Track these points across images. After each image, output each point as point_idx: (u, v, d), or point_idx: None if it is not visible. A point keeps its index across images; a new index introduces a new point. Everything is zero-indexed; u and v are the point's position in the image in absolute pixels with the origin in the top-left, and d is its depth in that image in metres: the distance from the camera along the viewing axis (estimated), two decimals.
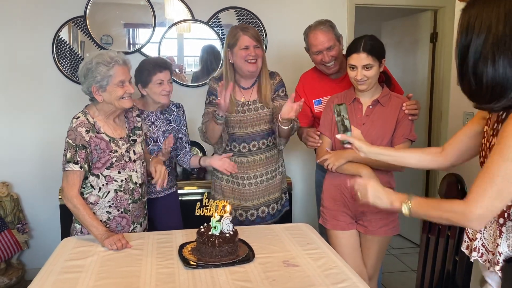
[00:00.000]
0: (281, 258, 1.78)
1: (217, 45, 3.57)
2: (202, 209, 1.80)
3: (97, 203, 2.06)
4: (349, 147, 1.79)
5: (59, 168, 2.03)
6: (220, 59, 3.54)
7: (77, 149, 1.96)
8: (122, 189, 2.08)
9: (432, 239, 1.81)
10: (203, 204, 1.81)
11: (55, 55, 3.33)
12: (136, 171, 2.13)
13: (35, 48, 3.31)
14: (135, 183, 2.13)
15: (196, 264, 1.70)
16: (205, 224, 1.82)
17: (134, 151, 2.14)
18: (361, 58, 2.07)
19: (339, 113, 1.79)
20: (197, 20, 3.51)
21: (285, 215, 2.66)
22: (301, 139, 2.58)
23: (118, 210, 2.09)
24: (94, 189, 2.05)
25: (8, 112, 3.32)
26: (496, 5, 1.21)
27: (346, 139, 1.75)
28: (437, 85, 3.99)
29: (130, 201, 2.12)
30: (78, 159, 1.96)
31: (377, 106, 2.19)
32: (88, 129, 2.00)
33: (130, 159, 2.11)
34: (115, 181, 2.06)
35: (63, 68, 3.35)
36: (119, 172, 2.07)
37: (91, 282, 1.59)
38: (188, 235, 2.02)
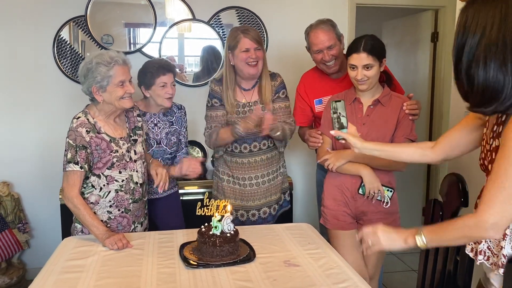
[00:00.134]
0: (282, 258, 1.78)
1: (218, 45, 3.56)
2: (203, 208, 1.80)
3: (98, 203, 2.06)
4: (344, 142, 1.80)
5: (59, 168, 2.03)
6: (221, 59, 3.54)
7: (78, 149, 1.96)
8: (123, 189, 2.08)
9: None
10: (204, 204, 1.80)
11: (55, 54, 3.33)
12: (136, 171, 2.13)
13: (36, 48, 3.31)
14: (136, 182, 2.13)
15: (197, 264, 1.69)
16: (206, 224, 1.82)
17: (134, 151, 2.14)
18: (361, 58, 2.07)
19: (335, 110, 1.80)
20: (198, 20, 3.51)
21: (285, 214, 2.66)
22: (303, 139, 2.58)
23: (118, 210, 2.09)
24: (95, 189, 2.04)
25: (8, 112, 3.32)
26: (493, 7, 1.19)
27: (340, 135, 1.76)
28: (438, 85, 3.99)
29: (130, 201, 2.12)
30: (79, 159, 1.96)
31: (378, 106, 2.19)
32: (89, 129, 2.00)
33: (130, 159, 2.11)
34: (116, 181, 2.06)
35: (63, 68, 3.35)
36: (120, 172, 2.07)
37: (92, 282, 1.59)
38: (189, 234, 2.02)
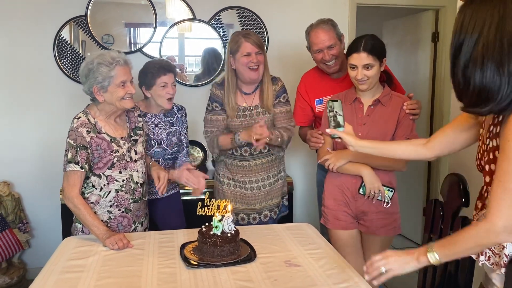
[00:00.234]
0: (282, 258, 1.78)
1: (218, 45, 3.56)
2: (203, 208, 1.80)
3: (98, 203, 2.06)
4: (339, 141, 1.81)
5: (60, 168, 2.03)
6: (221, 59, 3.54)
7: (78, 149, 1.96)
8: (123, 189, 2.08)
9: (434, 239, 1.80)
10: (205, 204, 1.80)
11: (56, 54, 3.33)
12: (137, 171, 2.13)
13: (36, 48, 3.31)
14: (136, 182, 2.12)
15: (197, 264, 1.69)
16: (206, 224, 1.81)
17: (135, 150, 2.14)
18: (361, 58, 2.07)
19: (332, 109, 1.80)
20: (198, 20, 3.51)
21: (283, 220, 2.63)
22: (304, 140, 2.57)
23: (119, 210, 2.09)
24: (96, 188, 2.04)
25: (9, 112, 3.32)
26: (491, 7, 1.18)
27: (335, 133, 1.77)
28: (438, 85, 3.98)
29: (131, 201, 2.11)
30: (79, 159, 1.96)
31: (378, 105, 2.18)
32: (89, 130, 1.99)
33: (131, 158, 2.11)
34: (116, 181, 2.06)
35: (64, 68, 3.35)
36: (120, 172, 2.07)
37: (92, 281, 1.58)
38: (190, 234, 2.02)
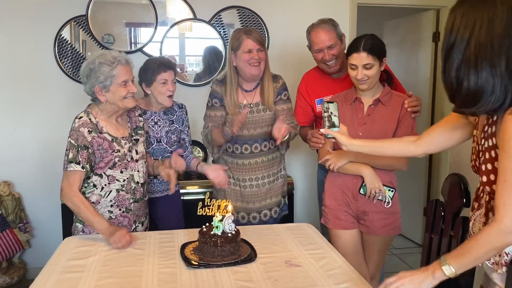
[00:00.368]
0: (283, 258, 1.77)
1: (219, 45, 3.56)
2: (204, 208, 1.79)
3: (99, 203, 2.05)
4: (334, 141, 1.83)
5: (60, 168, 2.02)
6: (222, 58, 3.54)
7: (79, 149, 1.96)
8: (124, 189, 2.08)
9: (435, 239, 1.80)
10: (205, 204, 1.80)
11: (56, 54, 3.33)
12: (138, 171, 2.13)
13: (36, 47, 3.31)
14: (137, 182, 2.12)
15: (198, 264, 1.69)
16: (207, 224, 1.81)
17: (136, 150, 2.14)
18: (361, 58, 2.07)
19: (327, 109, 1.83)
20: (199, 19, 3.51)
21: (284, 219, 2.63)
22: (304, 139, 2.57)
23: (120, 210, 2.09)
24: (97, 188, 2.04)
25: (9, 111, 3.32)
26: (482, 8, 1.18)
27: (329, 133, 1.80)
28: (439, 85, 3.97)
29: (132, 201, 2.11)
30: (80, 159, 1.96)
31: (379, 105, 2.18)
32: (91, 129, 1.99)
33: (132, 158, 2.11)
34: (117, 180, 2.06)
35: (64, 67, 3.35)
36: (121, 172, 2.07)
37: (92, 281, 1.58)
38: (190, 234, 2.01)
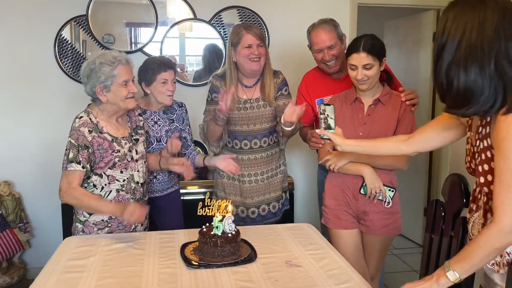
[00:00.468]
0: (283, 258, 1.77)
1: (219, 44, 3.56)
2: (204, 209, 1.79)
3: None
4: (329, 142, 1.90)
5: (60, 168, 2.02)
6: (222, 58, 3.54)
7: (80, 149, 1.96)
8: (124, 189, 2.08)
9: (435, 239, 1.79)
10: (205, 204, 1.80)
11: (57, 54, 3.33)
12: (138, 171, 2.13)
13: (37, 47, 3.30)
14: (137, 182, 2.12)
15: (198, 264, 1.69)
16: (207, 224, 1.81)
17: (136, 150, 2.14)
18: (361, 58, 2.07)
19: (323, 112, 1.88)
20: (199, 19, 3.51)
21: (285, 213, 2.65)
22: (304, 140, 2.57)
23: None
24: (97, 188, 2.04)
25: (10, 111, 3.32)
26: (473, 11, 1.21)
27: (324, 134, 1.85)
28: None
29: (131, 201, 2.11)
30: (81, 159, 1.96)
31: (379, 105, 2.19)
32: (91, 129, 1.99)
33: (132, 158, 2.11)
34: (117, 180, 2.06)
35: (65, 67, 3.35)
36: (121, 172, 2.06)
37: (93, 281, 1.58)
38: (190, 235, 2.01)
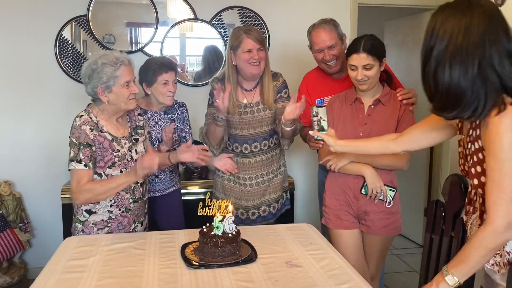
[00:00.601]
0: (283, 258, 1.77)
1: (220, 45, 3.56)
2: (204, 209, 1.79)
3: (99, 202, 2.05)
4: (322, 143, 1.96)
5: (61, 167, 2.03)
6: (223, 58, 3.53)
7: (81, 147, 1.96)
8: (123, 188, 2.08)
9: (436, 240, 1.79)
10: (206, 204, 1.80)
11: (57, 54, 3.33)
12: None
13: (37, 47, 3.31)
14: (136, 182, 2.12)
15: (198, 264, 1.69)
16: (207, 224, 1.81)
17: (136, 150, 2.14)
18: (361, 58, 2.07)
19: (316, 114, 1.93)
20: (200, 20, 3.51)
21: (286, 214, 2.65)
22: (305, 140, 2.57)
23: (119, 210, 2.09)
24: None
25: (10, 111, 3.32)
26: (460, 15, 1.25)
27: (318, 135, 1.90)
28: None
29: (131, 200, 2.11)
30: (82, 157, 1.96)
31: (379, 105, 2.19)
32: (92, 128, 1.99)
33: (132, 158, 2.11)
34: None
35: (65, 67, 3.35)
36: (121, 171, 2.06)
37: (93, 281, 1.58)
38: (191, 235, 2.01)
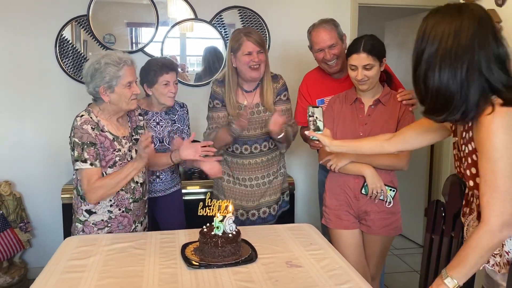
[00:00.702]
0: (284, 258, 1.77)
1: (220, 45, 3.56)
2: (204, 209, 1.79)
3: (99, 202, 2.05)
4: (317, 143, 1.96)
5: (61, 167, 2.03)
6: (223, 59, 3.54)
7: (85, 146, 1.96)
8: (123, 188, 2.07)
9: (436, 240, 1.79)
10: (206, 204, 1.80)
11: (58, 54, 3.33)
12: None
13: (38, 47, 3.31)
14: (136, 182, 2.12)
15: (198, 264, 1.69)
16: (207, 224, 1.81)
17: (136, 150, 2.14)
18: (361, 58, 2.07)
19: (312, 114, 1.94)
20: (200, 20, 3.51)
21: (285, 214, 2.65)
22: (305, 140, 2.57)
23: (119, 210, 2.09)
24: None
25: (11, 111, 3.33)
26: (451, 20, 1.29)
27: (313, 135, 1.92)
28: None
29: (131, 200, 2.11)
30: (87, 156, 1.96)
31: (379, 105, 2.19)
32: (93, 127, 1.99)
33: (132, 158, 2.11)
34: None
35: (66, 67, 3.35)
36: None
37: (93, 281, 1.58)
38: (191, 235, 2.01)
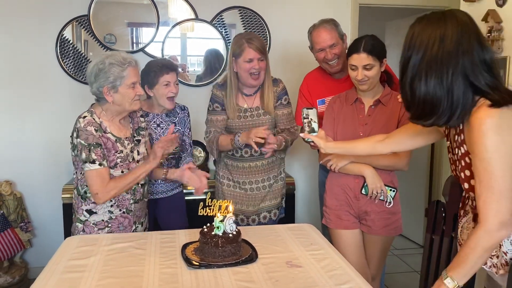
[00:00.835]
0: (284, 258, 1.77)
1: (221, 45, 3.56)
2: (205, 209, 1.79)
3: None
4: (313, 144, 1.97)
5: (62, 167, 2.03)
6: (223, 60, 3.54)
7: (91, 148, 1.96)
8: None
9: (436, 240, 1.79)
10: (206, 204, 1.80)
11: (58, 54, 3.33)
12: None
13: (38, 47, 3.31)
14: (137, 183, 2.12)
15: (199, 264, 1.69)
16: (208, 224, 1.81)
17: (138, 151, 2.14)
18: (361, 58, 2.07)
19: (307, 116, 1.94)
20: (201, 20, 3.51)
21: (286, 215, 2.64)
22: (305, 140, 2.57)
23: (120, 210, 2.09)
24: None
25: (11, 111, 3.33)
26: (436, 27, 1.31)
27: (307, 137, 1.92)
28: None
29: (132, 201, 2.11)
30: (95, 157, 1.96)
31: (379, 105, 2.19)
32: (96, 128, 1.99)
33: (133, 159, 2.11)
34: None
35: (66, 67, 3.36)
36: (122, 172, 2.06)
37: (94, 281, 1.58)
38: (191, 235, 2.01)
